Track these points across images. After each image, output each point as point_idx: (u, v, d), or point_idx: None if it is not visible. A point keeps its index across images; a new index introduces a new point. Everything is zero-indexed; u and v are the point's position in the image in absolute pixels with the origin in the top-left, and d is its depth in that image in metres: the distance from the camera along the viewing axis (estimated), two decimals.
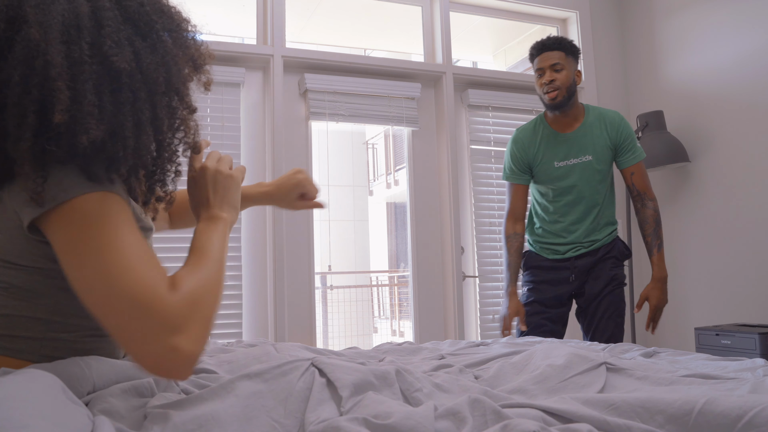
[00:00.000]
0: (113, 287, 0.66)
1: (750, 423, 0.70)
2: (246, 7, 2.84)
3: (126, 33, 0.74)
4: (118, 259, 0.67)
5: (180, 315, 0.67)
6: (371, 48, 4.18)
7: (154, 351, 0.65)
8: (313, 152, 2.74)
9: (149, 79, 0.75)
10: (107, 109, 0.71)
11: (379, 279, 8.90)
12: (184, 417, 0.68)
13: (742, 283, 2.60)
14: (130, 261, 0.68)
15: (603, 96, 3.18)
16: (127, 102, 0.73)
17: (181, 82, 0.79)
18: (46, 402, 0.61)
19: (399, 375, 0.85)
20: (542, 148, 2.11)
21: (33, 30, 0.69)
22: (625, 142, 2.06)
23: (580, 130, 2.07)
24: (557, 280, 2.13)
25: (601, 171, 2.07)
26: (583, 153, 2.06)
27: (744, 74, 2.59)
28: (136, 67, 0.74)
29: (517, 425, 0.69)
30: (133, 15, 0.76)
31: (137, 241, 0.71)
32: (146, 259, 0.70)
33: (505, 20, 3.21)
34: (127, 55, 0.73)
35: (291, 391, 0.76)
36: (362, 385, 0.79)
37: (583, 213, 2.10)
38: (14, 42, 0.70)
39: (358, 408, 0.74)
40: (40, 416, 0.58)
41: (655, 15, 3.06)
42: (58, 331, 0.79)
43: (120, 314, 0.66)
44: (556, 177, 2.10)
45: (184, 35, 0.82)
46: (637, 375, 0.98)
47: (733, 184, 2.64)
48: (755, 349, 2.12)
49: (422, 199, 2.87)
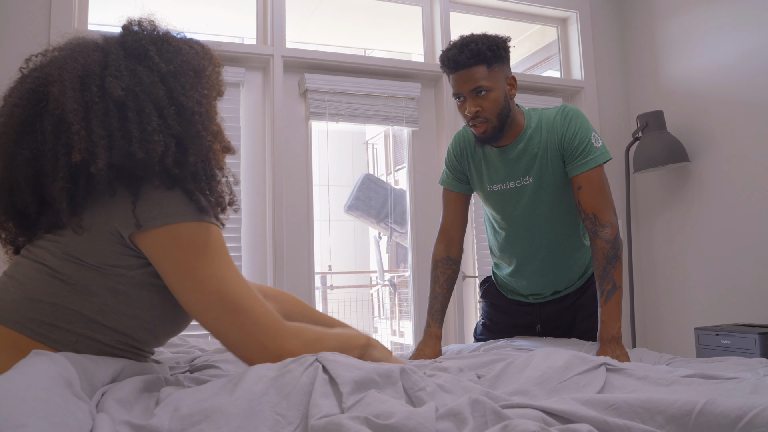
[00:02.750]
0: (229, 304, 0.83)
1: (750, 423, 0.70)
2: (246, 7, 2.84)
3: (126, 64, 0.86)
4: (235, 287, 0.84)
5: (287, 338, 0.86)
6: (371, 48, 4.18)
7: (263, 358, 0.83)
8: (313, 152, 2.74)
9: (151, 94, 0.86)
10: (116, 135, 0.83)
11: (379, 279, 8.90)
12: (192, 408, 0.71)
13: (742, 283, 2.60)
14: (238, 281, 0.85)
15: (603, 96, 3.18)
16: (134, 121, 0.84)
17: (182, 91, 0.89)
18: (45, 400, 0.62)
19: (404, 373, 0.85)
20: (477, 165, 1.66)
21: (53, 87, 0.84)
22: (571, 143, 1.53)
23: (516, 144, 1.57)
24: (521, 325, 1.76)
25: (551, 195, 1.58)
26: (521, 175, 1.58)
27: (744, 74, 2.59)
28: (138, 89, 0.85)
29: (517, 426, 0.69)
30: (131, 48, 0.89)
31: (237, 270, 0.87)
32: (246, 282, 0.87)
33: (505, 20, 3.21)
34: (124, 82, 0.84)
35: (295, 385, 0.76)
36: (364, 383, 0.80)
37: (532, 252, 1.65)
38: (48, 101, 0.84)
39: (359, 406, 0.74)
40: (38, 415, 0.58)
41: (655, 15, 3.06)
42: (96, 331, 0.85)
43: (232, 327, 0.84)
44: (492, 204, 1.67)
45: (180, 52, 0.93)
46: (637, 375, 0.98)
47: (733, 184, 2.64)
48: (755, 349, 2.12)
49: (422, 199, 2.88)
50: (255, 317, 0.84)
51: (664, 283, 3.00)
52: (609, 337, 1.45)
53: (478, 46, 1.49)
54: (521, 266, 1.70)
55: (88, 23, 2.38)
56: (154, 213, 0.83)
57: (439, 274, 1.70)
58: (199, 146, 0.88)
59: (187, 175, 0.87)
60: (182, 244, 0.83)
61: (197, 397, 0.74)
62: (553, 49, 3.38)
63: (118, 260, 0.85)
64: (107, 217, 0.84)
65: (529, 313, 1.77)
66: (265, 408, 0.73)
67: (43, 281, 0.83)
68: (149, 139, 0.83)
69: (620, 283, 1.48)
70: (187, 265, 0.83)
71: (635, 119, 2.95)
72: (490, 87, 1.50)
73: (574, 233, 1.66)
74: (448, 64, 1.53)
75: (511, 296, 1.80)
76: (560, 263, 1.68)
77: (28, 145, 0.85)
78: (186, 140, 0.87)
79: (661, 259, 3.01)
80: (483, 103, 1.50)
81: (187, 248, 0.83)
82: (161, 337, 0.95)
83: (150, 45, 0.90)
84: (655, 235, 3.05)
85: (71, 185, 0.82)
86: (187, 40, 0.98)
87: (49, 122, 0.83)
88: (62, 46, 0.93)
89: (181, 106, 0.88)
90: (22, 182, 0.85)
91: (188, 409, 0.70)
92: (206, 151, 0.90)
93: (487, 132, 1.53)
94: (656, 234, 3.04)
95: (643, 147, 2.79)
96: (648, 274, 3.09)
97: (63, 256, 0.84)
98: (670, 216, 2.96)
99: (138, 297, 0.87)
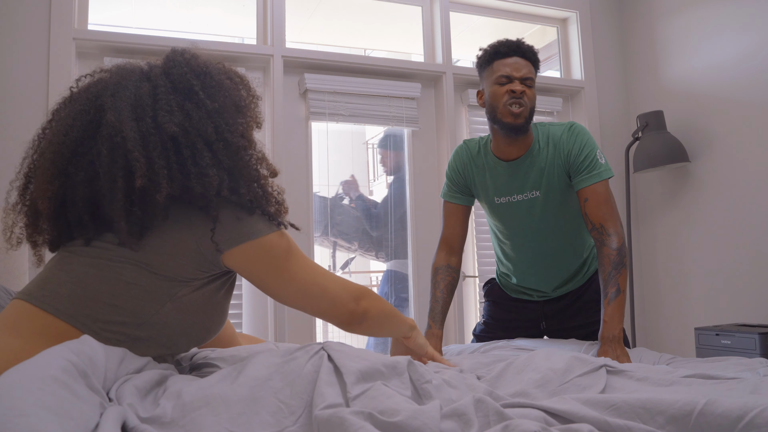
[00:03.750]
0: (325, 289, 1.02)
1: (750, 423, 0.70)
2: (246, 7, 2.84)
3: (176, 100, 0.94)
4: (320, 272, 1.03)
5: (357, 292, 1.05)
6: (371, 48, 4.17)
7: (345, 320, 1.04)
8: (313, 152, 2.74)
9: (201, 131, 0.94)
10: (174, 168, 0.91)
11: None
12: (194, 395, 0.72)
13: (742, 283, 2.60)
14: (320, 270, 1.03)
15: (603, 96, 3.18)
16: (188, 156, 0.92)
17: (227, 128, 0.97)
18: (51, 392, 0.62)
19: (411, 365, 0.85)
20: (481, 177, 1.71)
21: (110, 114, 0.91)
22: (577, 159, 1.60)
23: (526, 158, 1.63)
24: (525, 320, 1.81)
25: (556, 208, 1.65)
26: (529, 188, 1.64)
27: (744, 74, 2.59)
28: (189, 125, 0.93)
29: (519, 425, 0.69)
30: (177, 82, 0.96)
31: (311, 260, 1.05)
32: (325, 269, 1.05)
33: (505, 20, 3.21)
34: (176, 118, 0.92)
35: (299, 373, 0.76)
36: (370, 374, 0.80)
37: (538, 260, 1.72)
38: (100, 125, 0.92)
39: (364, 399, 0.74)
40: (43, 406, 0.59)
41: (655, 15, 3.06)
42: (143, 331, 0.92)
43: (321, 302, 1.02)
44: (498, 215, 1.71)
45: (222, 87, 1.00)
46: (638, 376, 0.98)
47: (733, 184, 2.65)
48: (755, 349, 2.12)
49: (422, 199, 2.88)
50: (334, 293, 1.03)
51: (664, 283, 3.00)
52: (610, 337, 1.48)
53: (535, 50, 1.66)
54: (527, 272, 1.76)
55: (88, 23, 2.38)
56: (243, 231, 0.96)
57: (439, 280, 1.72)
58: (248, 176, 0.98)
59: (254, 200, 0.99)
60: (272, 253, 0.98)
61: (200, 384, 0.76)
62: (553, 49, 3.38)
63: (194, 274, 0.95)
64: (193, 237, 0.94)
65: (534, 310, 1.80)
66: (267, 394, 0.74)
67: (106, 281, 0.90)
68: (205, 173, 0.92)
69: (624, 288, 1.53)
70: (282, 267, 0.99)
71: (635, 119, 2.95)
72: (533, 84, 1.63)
73: (577, 241, 1.73)
74: (509, 45, 1.62)
75: (516, 295, 1.83)
76: (564, 266, 1.74)
77: (83, 166, 0.92)
78: (235, 172, 0.97)
79: (661, 259, 3.01)
80: (528, 91, 1.60)
81: (277, 255, 0.98)
82: (192, 343, 1.03)
83: (194, 80, 0.97)
84: (655, 235, 3.05)
85: (129, 207, 0.90)
86: (227, 72, 1.06)
87: (105, 146, 0.90)
88: (109, 68, 1.01)
89: (227, 142, 0.96)
90: (79, 202, 0.93)
91: (190, 397, 0.72)
92: (256, 178, 1.00)
93: (522, 116, 1.58)
94: (656, 234, 3.04)
95: (643, 147, 2.79)
96: (648, 274, 3.09)
97: (134, 262, 0.91)
98: (670, 216, 2.96)
99: (191, 305, 0.97)
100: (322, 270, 1.04)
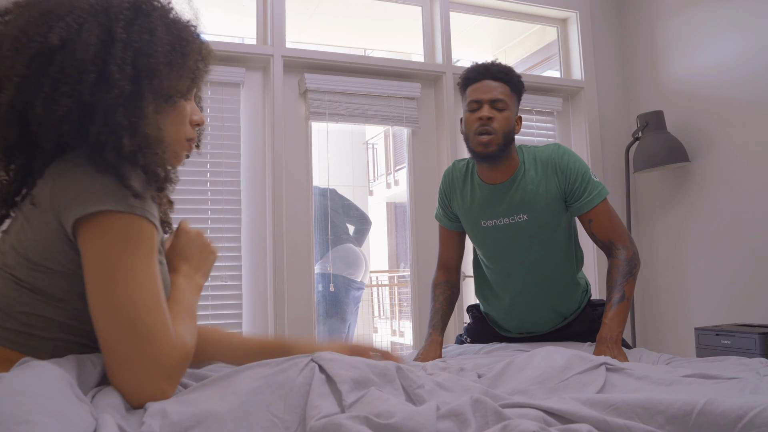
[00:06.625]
0: (133, 324, 0.73)
1: (750, 423, 0.70)
2: (246, 7, 2.84)
3: (88, 19, 0.80)
4: (142, 299, 0.74)
5: (176, 365, 0.76)
6: (371, 48, 4.18)
7: (146, 390, 0.73)
8: (313, 152, 2.74)
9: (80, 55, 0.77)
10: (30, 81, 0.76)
11: (379, 279, 8.90)
12: (183, 414, 0.68)
13: (742, 283, 2.60)
14: (151, 303, 0.75)
15: (603, 96, 3.18)
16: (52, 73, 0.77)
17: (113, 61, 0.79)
18: (51, 398, 0.62)
19: (399, 371, 0.85)
20: (466, 201, 1.68)
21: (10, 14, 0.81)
22: (575, 184, 1.57)
23: (512, 182, 1.60)
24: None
25: (544, 232, 1.61)
26: (514, 211, 1.60)
27: (744, 74, 2.59)
28: (74, 42, 0.78)
29: (517, 426, 0.69)
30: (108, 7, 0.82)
31: (158, 279, 0.78)
32: (161, 301, 0.77)
33: (505, 20, 3.21)
34: (62, 32, 0.77)
35: (291, 387, 0.76)
36: (362, 382, 0.79)
37: (526, 289, 1.66)
38: None
39: (360, 405, 0.74)
40: (44, 412, 0.58)
41: (655, 15, 3.06)
42: (73, 335, 0.82)
43: (128, 347, 0.73)
44: (483, 241, 1.68)
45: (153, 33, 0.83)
46: (637, 375, 0.98)
47: (733, 184, 2.64)
48: (755, 349, 2.12)
49: (422, 199, 2.87)
50: (152, 349, 0.75)
51: (664, 283, 3.00)
52: (608, 337, 1.46)
53: (508, 69, 1.61)
54: (514, 304, 1.70)
55: None
56: (80, 197, 0.75)
57: (438, 294, 1.74)
58: (118, 122, 0.77)
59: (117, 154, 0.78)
60: (108, 238, 0.75)
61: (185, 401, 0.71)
62: (553, 49, 3.38)
63: (73, 262, 0.78)
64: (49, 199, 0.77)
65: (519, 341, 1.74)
66: (259, 408, 0.72)
67: (13, 291, 0.79)
68: (56, 99, 0.76)
69: (629, 296, 1.51)
70: (104, 262, 0.76)
71: (635, 119, 2.95)
72: (507, 106, 1.57)
73: (568, 271, 1.68)
74: (477, 70, 1.60)
75: (503, 333, 1.79)
76: (554, 300, 1.69)
77: None
78: (98, 110, 0.77)
79: (661, 259, 3.01)
80: (498, 115, 1.56)
81: (112, 243, 0.75)
82: None
83: (128, 11, 0.82)
84: (655, 235, 3.05)
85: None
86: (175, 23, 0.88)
87: None
88: None
89: (109, 77, 0.78)
90: None
91: (178, 416, 0.68)
92: (130, 127, 0.79)
93: (490, 146, 1.54)
94: (656, 234, 3.04)
95: (643, 147, 2.79)
96: (648, 274, 3.08)
97: (26, 264, 0.78)
98: (670, 216, 2.96)
99: None
100: (158, 301, 0.76)
